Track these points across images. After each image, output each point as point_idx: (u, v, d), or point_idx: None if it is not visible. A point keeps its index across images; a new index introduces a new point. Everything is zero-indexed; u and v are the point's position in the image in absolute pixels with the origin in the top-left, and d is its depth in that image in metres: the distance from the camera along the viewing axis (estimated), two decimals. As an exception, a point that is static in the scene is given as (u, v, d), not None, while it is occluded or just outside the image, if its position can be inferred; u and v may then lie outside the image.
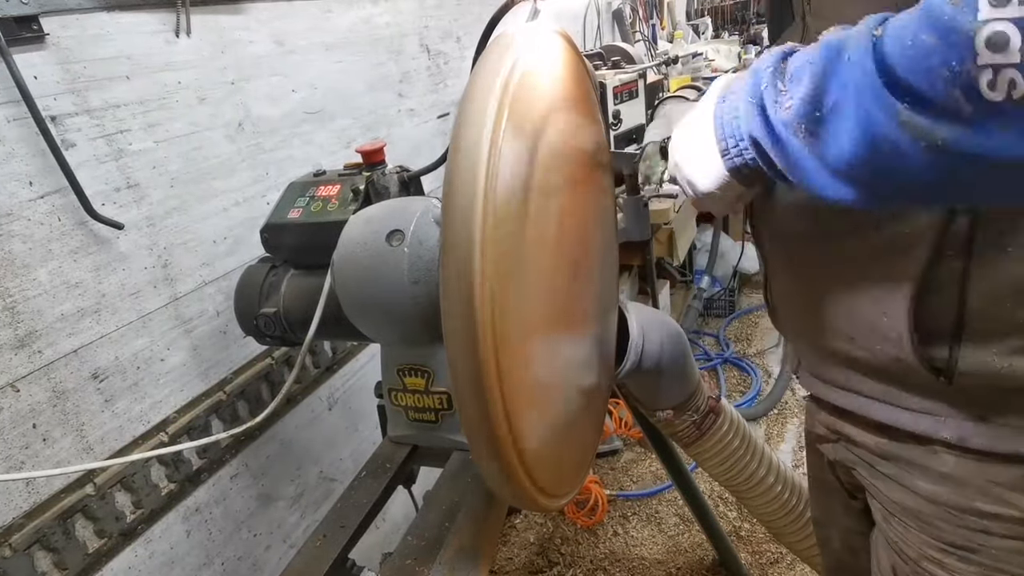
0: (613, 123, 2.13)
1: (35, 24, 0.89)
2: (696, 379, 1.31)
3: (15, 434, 0.89)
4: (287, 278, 1.01)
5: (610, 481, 2.32)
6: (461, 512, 0.83)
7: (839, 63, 0.46)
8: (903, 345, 0.62)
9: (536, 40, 0.68)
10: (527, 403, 0.64)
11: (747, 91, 0.55)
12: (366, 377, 1.62)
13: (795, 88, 0.49)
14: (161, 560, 1.10)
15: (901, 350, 0.62)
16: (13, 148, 0.88)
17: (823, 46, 0.48)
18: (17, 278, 0.89)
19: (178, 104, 1.11)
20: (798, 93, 0.49)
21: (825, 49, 0.48)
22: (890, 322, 0.62)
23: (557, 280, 0.73)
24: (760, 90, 0.53)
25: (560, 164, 0.74)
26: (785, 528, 1.44)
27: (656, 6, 3.77)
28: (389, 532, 1.68)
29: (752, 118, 0.54)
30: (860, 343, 0.67)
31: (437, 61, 1.87)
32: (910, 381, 0.64)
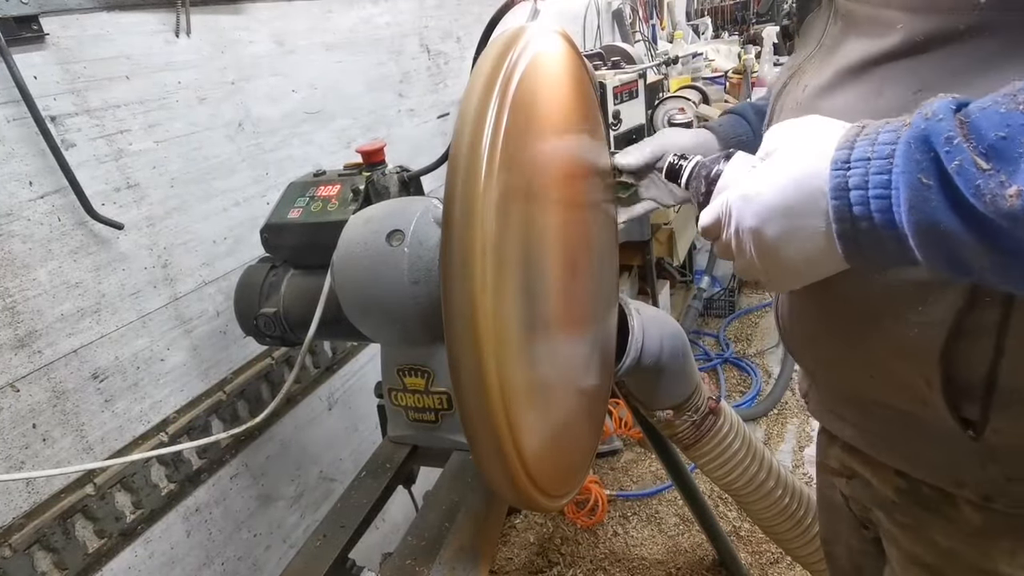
0: (613, 123, 2.13)
1: (35, 24, 0.89)
2: (696, 380, 1.31)
3: (15, 434, 0.89)
4: (287, 278, 1.01)
5: (610, 481, 2.32)
6: (461, 512, 0.83)
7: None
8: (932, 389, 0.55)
9: (536, 40, 0.68)
10: (527, 403, 0.64)
11: (911, 167, 0.40)
12: (366, 377, 1.62)
13: (1011, 167, 0.36)
14: (161, 560, 1.10)
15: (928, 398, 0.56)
16: (13, 148, 0.88)
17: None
18: (17, 278, 0.89)
19: (178, 104, 1.11)
20: (1021, 176, 0.36)
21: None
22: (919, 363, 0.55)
23: (557, 280, 0.73)
24: (942, 168, 0.38)
25: (560, 164, 0.74)
26: (785, 533, 1.44)
27: (656, 6, 3.76)
28: (389, 532, 1.68)
29: (928, 206, 0.39)
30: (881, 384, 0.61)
31: (437, 61, 1.87)
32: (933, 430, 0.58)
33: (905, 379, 0.58)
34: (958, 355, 0.53)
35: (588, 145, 0.85)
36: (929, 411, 0.57)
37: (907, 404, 0.59)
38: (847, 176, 0.43)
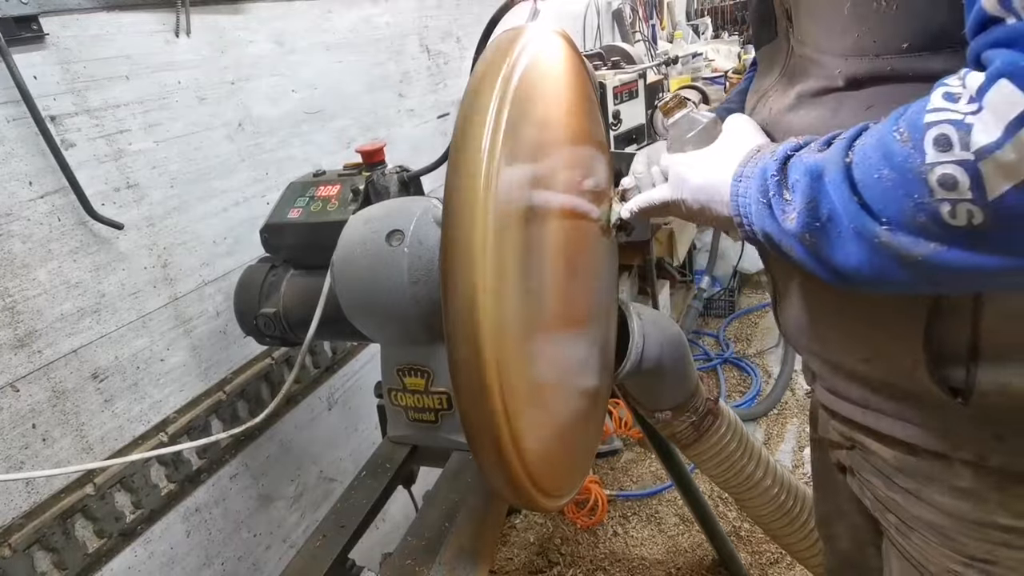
0: (613, 123, 2.13)
1: (35, 24, 0.89)
2: (695, 380, 1.31)
3: (15, 434, 0.89)
4: (287, 278, 1.01)
5: (610, 481, 2.32)
6: (461, 512, 0.83)
7: (822, 184, 0.51)
8: (918, 368, 0.62)
9: (536, 40, 0.68)
10: (527, 403, 0.64)
11: (757, 189, 0.59)
12: (366, 377, 1.62)
13: (795, 199, 0.54)
14: (161, 560, 1.10)
15: (916, 373, 0.62)
16: (13, 148, 0.88)
17: (805, 168, 0.53)
18: (17, 278, 0.89)
19: (178, 104, 1.11)
20: (797, 207, 0.53)
21: (808, 172, 0.53)
22: (904, 345, 0.62)
23: (557, 280, 0.73)
24: (769, 196, 0.57)
25: (560, 164, 0.74)
26: (782, 531, 1.44)
27: (656, 6, 3.76)
28: (389, 532, 1.68)
29: (764, 217, 0.58)
30: (874, 364, 0.68)
31: (437, 61, 1.87)
32: (927, 401, 0.64)
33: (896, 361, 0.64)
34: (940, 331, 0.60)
35: (588, 145, 0.85)
36: (920, 386, 0.63)
37: (900, 380, 0.66)
38: (738, 186, 0.62)
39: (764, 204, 0.57)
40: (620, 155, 0.99)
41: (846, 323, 0.69)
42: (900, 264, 0.48)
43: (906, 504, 0.72)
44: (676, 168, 0.72)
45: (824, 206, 0.51)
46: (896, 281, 0.51)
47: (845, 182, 0.49)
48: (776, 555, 1.93)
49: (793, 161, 0.56)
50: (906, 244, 0.47)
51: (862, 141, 0.50)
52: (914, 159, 0.44)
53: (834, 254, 0.52)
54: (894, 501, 0.74)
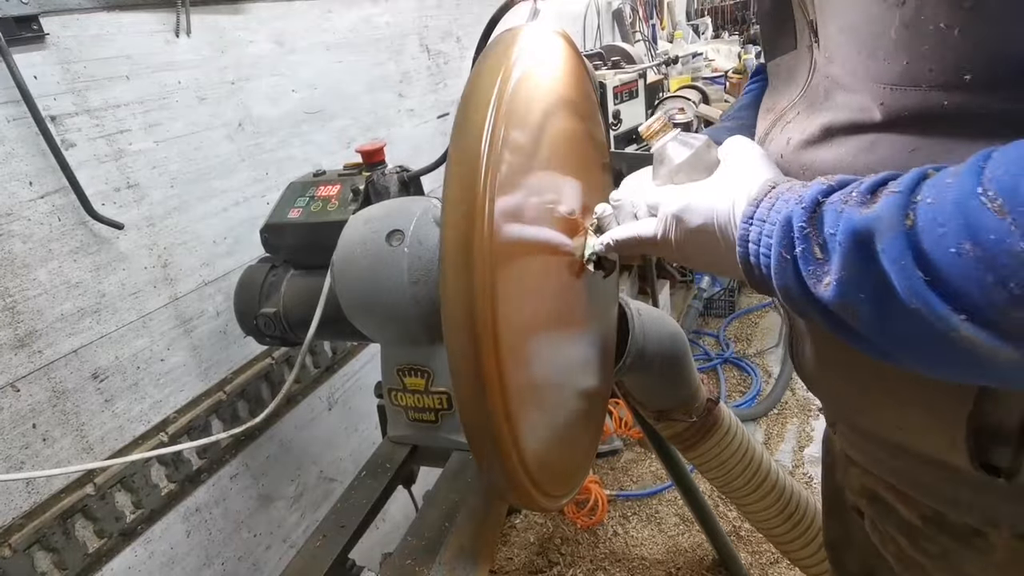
0: (613, 123, 2.13)
1: (35, 24, 0.89)
2: (695, 381, 1.31)
3: (15, 434, 0.89)
4: (287, 278, 1.01)
5: (610, 481, 2.32)
6: (461, 512, 0.83)
7: (873, 251, 0.40)
8: (956, 448, 0.55)
9: (536, 40, 0.68)
10: (527, 403, 0.64)
11: (779, 241, 0.48)
12: (366, 377, 1.62)
13: (831, 260, 0.43)
14: (161, 560, 1.10)
15: (955, 452, 0.55)
16: (13, 148, 0.88)
17: (848, 228, 0.42)
18: (17, 278, 0.89)
19: (178, 104, 1.11)
20: (834, 272, 0.43)
21: (850, 229, 0.41)
22: (944, 423, 0.55)
23: (557, 280, 0.73)
24: (794, 252, 0.46)
25: (559, 164, 0.74)
26: (783, 536, 1.44)
27: (656, 6, 3.77)
28: (389, 532, 1.68)
29: (785, 274, 0.47)
30: (909, 434, 0.61)
31: (437, 61, 1.87)
32: (966, 477, 0.58)
33: (929, 436, 0.58)
34: (987, 411, 0.53)
35: (588, 145, 0.85)
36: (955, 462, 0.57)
37: (936, 453, 0.59)
38: (749, 230, 0.51)
39: (787, 260, 0.47)
40: (620, 155, 0.99)
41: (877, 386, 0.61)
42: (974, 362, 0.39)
43: (932, 569, 0.66)
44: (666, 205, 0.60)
45: (872, 278, 0.41)
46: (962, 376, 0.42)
47: (908, 252, 0.38)
48: (776, 555, 1.93)
49: (827, 210, 0.44)
50: (987, 340, 0.37)
51: (929, 197, 0.38)
52: (1014, 238, 0.34)
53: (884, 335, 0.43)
54: (918, 563, 0.67)
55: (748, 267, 0.52)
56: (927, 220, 0.38)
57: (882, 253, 0.40)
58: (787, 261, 0.47)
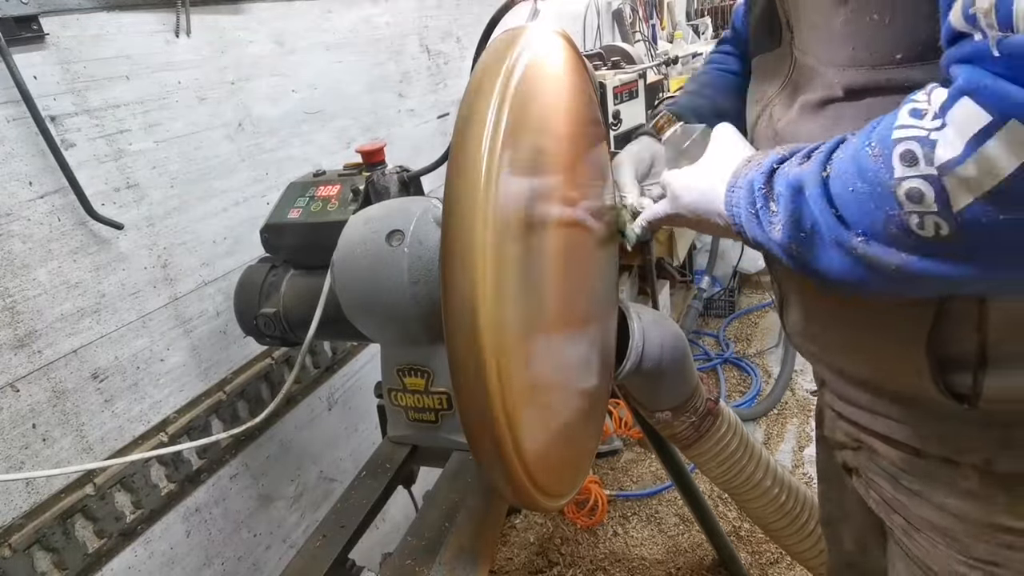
0: (613, 123, 2.13)
1: (35, 24, 0.89)
2: (695, 381, 1.31)
3: (15, 434, 0.89)
4: (287, 278, 1.01)
5: (610, 481, 2.32)
6: (461, 512, 0.83)
7: (803, 198, 0.53)
8: (922, 375, 0.62)
9: (536, 40, 0.68)
10: (527, 403, 0.64)
11: (745, 200, 0.61)
12: (366, 377, 1.62)
13: (780, 212, 0.56)
14: (161, 560, 1.10)
15: (920, 379, 0.63)
16: (13, 148, 0.88)
17: (787, 182, 0.55)
18: (17, 278, 0.89)
19: (178, 104, 1.11)
20: (781, 219, 0.56)
21: (789, 185, 0.55)
22: (907, 352, 0.63)
23: (557, 280, 0.73)
24: (756, 207, 0.60)
25: (560, 164, 0.74)
26: (783, 531, 1.44)
27: (656, 6, 3.76)
28: (389, 532, 1.68)
29: (753, 227, 0.60)
30: (877, 370, 0.69)
31: (437, 61, 1.87)
32: (931, 407, 0.65)
33: (899, 369, 0.65)
34: (944, 340, 0.61)
35: (588, 145, 0.85)
36: (925, 393, 0.63)
37: (904, 387, 0.66)
38: (731, 196, 0.64)
39: (752, 215, 0.60)
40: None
41: (847, 329, 0.70)
42: (876, 273, 0.50)
43: (911, 505, 0.72)
44: (672, 185, 0.75)
45: (806, 219, 0.53)
46: (875, 289, 0.53)
47: (823, 196, 0.51)
48: (776, 555, 1.93)
49: (777, 174, 0.58)
50: (880, 254, 0.49)
51: (839, 154, 0.51)
52: (883, 174, 0.46)
53: (818, 263, 0.54)
54: (900, 502, 0.74)
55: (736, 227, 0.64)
56: (837, 170, 0.51)
57: (809, 198, 0.53)
58: (752, 215, 0.60)
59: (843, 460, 0.85)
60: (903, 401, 0.68)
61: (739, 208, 0.63)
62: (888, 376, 0.68)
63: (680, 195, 0.73)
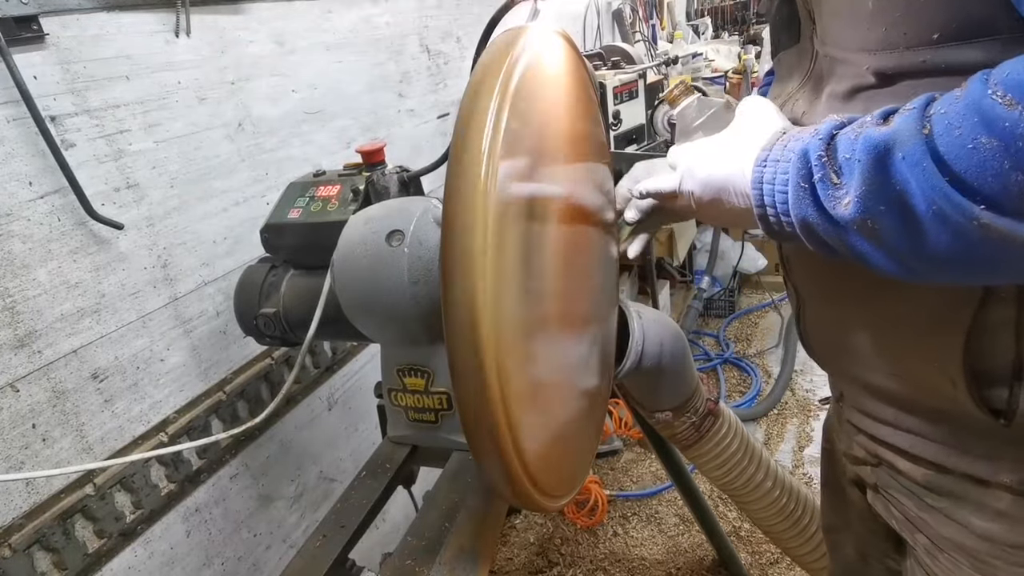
0: (613, 123, 2.13)
1: (35, 24, 0.89)
2: (695, 381, 1.31)
3: (15, 434, 0.89)
4: (287, 278, 1.01)
5: (610, 481, 2.32)
6: (461, 512, 0.83)
7: (891, 161, 0.44)
8: (957, 388, 0.58)
9: (536, 40, 0.68)
10: (527, 403, 0.64)
11: (796, 172, 0.52)
12: (366, 377, 1.62)
13: (849, 182, 0.47)
14: (161, 560, 1.10)
15: (955, 393, 0.59)
16: (13, 148, 0.88)
17: (865, 142, 0.46)
18: (17, 278, 0.89)
19: (178, 104, 1.11)
20: (853, 190, 0.47)
21: (869, 146, 0.46)
22: (942, 364, 0.58)
23: (557, 280, 0.73)
24: (812, 178, 0.50)
25: (560, 165, 0.74)
26: (783, 533, 1.44)
27: (656, 6, 3.76)
28: (389, 532, 1.68)
29: (804, 204, 0.51)
30: (906, 382, 0.64)
31: (437, 61, 1.87)
32: (964, 422, 0.61)
33: (932, 380, 0.60)
34: (980, 351, 0.56)
35: (588, 145, 0.85)
36: (959, 407, 0.59)
37: (935, 400, 0.62)
38: (763, 172, 0.55)
39: (805, 189, 0.51)
40: (620, 155, 0.99)
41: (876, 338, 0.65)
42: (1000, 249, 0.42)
43: (936, 524, 0.69)
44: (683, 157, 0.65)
45: (893, 187, 0.44)
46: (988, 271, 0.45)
47: (927, 156, 0.42)
48: (776, 555, 1.93)
49: (841, 139, 0.49)
50: (1010, 227, 0.40)
51: (940, 109, 0.43)
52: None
53: (906, 241, 0.46)
54: (923, 520, 0.70)
55: (763, 209, 0.56)
56: (942, 127, 0.42)
57: (902, 162, 0.44)
58: (805, 191, 0.51)
59: (857, 475, 0.81)
60: (932, 416, 0.64)
61: (774, 185, 0.54)
62: (919, 388, 0.63)
63: (694, 168, 0.64)
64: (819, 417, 2.48)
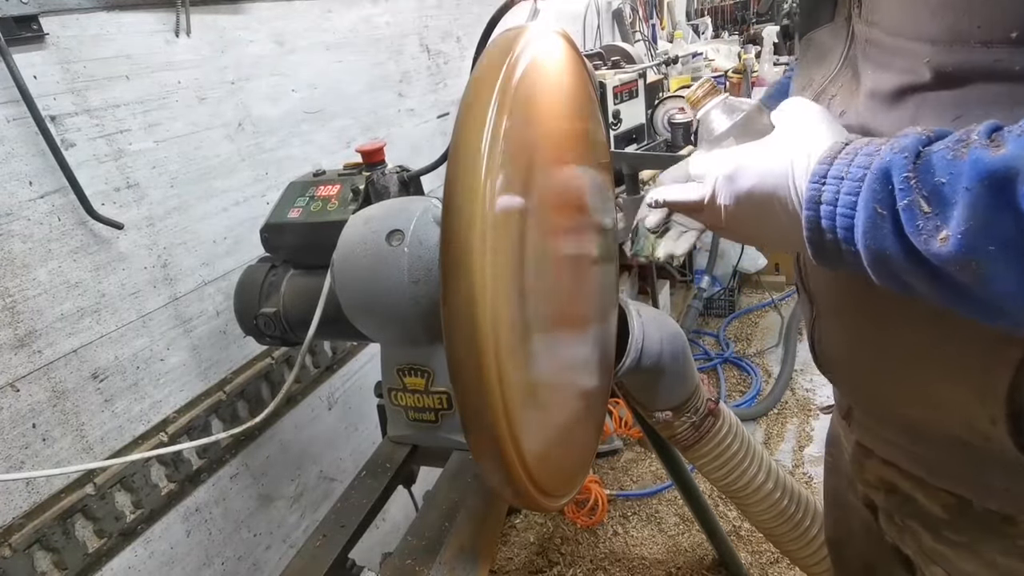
0: (613, 123, 2.13)
1: (35, 24, 0.89)
2: (695, 381, 1.31)
3: (15, 434, 0.89)
4: (287, 278, 1.01)
5: (610, 481, 2.32)
6: (461, 512, 0.83)
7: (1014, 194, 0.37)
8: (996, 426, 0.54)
9: (536, 40, 0.68)
10: (527, 403, 0.64)
11: (871, 195, 0.43)
12: (366, 377, 1.62)
13: (947, 212, 0.40)
14: (161, 560, 1.10)
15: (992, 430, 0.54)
16: (13, 148, 0.88)
17: (975, 167, 0.38)
18: (17, 278, 0.89)
19: (178, 104, 1.11)
20: (955, 224, 0.39)
21: (983, 172, 0.38)
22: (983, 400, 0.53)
23: (557, 280, 0.73)
24: (895, 204, 0.42)
25: (560, 164, 0.74)
26: (783, 535, 1.44)
27: (656, 6, 3.76)
28: (389, 532, 1.68)
29: (880, 234, 0.43)
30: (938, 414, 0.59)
31: (437, 61, 1.87)
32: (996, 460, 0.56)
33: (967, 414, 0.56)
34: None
35: (588, 145, 0.85)
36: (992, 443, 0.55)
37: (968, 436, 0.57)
38: (821, 191, 0.47)
39: (883, 216, 0.43)
40: (620, 155, 0.99)
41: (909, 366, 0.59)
42: None
43: (955, 559, 0.64)
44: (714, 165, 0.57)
45: (1006, 226, 0.37)
46: None
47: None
48: (776, 555, 1.93)
49: (934, 158, 0.41)
50: None
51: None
52: None
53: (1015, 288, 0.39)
54: (941, 554, 0.66)
55: (818, 233, 0.48)
56: None
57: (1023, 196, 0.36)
58: (883, 218, 0.43)
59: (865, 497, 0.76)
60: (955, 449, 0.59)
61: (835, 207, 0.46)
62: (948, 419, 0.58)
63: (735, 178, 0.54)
64: (819, 417, 2.48)
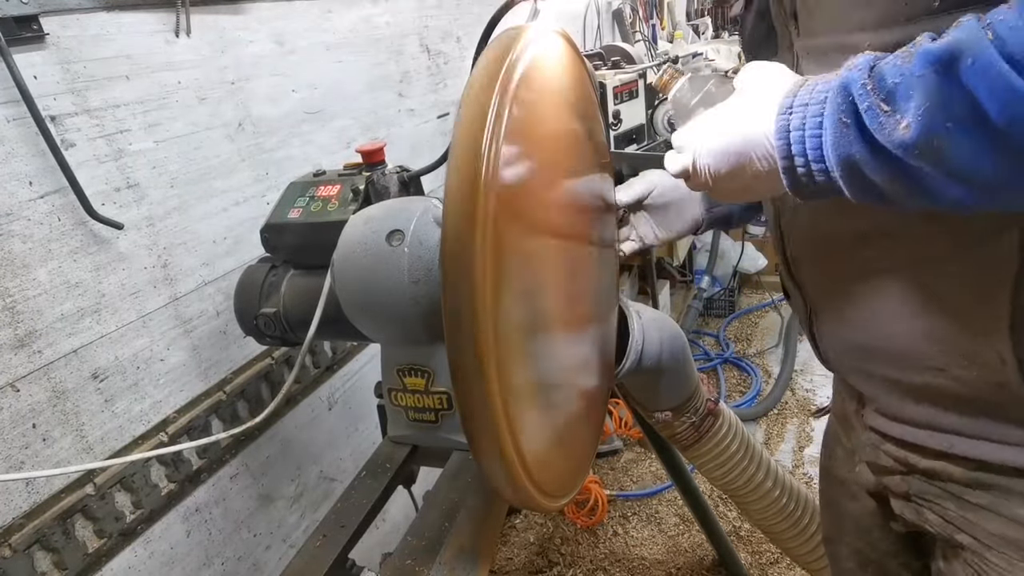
0: (613, 123, 2.13)
1: (35, 24, 0.89)
2: (695, 381, 1.31)
3: (15, 434, 0.89)
4: (287, 278, 1.01)
5: (610, 481, 2.32)
6: (461, 512, 0.83)
7: (959, 70, 0.41)
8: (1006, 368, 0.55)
9: (536, 40, 0.68)
10: (527, 403, 0.64)
11: (834, 110, 0.48)
12: (366, 377, 1.62)
13: (904, 105, 0.44)
14: (161, 560, 1.10)
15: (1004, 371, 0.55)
16: (13, 148, 0.88)
17: (924, 57, 0.43)
18: (17, 278, 0.89)
19: (178, 104, 1.11)
20: (912, 110, 0.43)
21: (931, 59, 0.43)
22: (988, 338, 0.55)
23: (557, 280, 0.73)
24: (857, 110, 0.46)
25: (560, 165, 0.74)
26: (783, 534, 1.44)
27: (656, 6, 3.76)
28: (389, 532, 1.68)
29: (846, 141, 0.47)
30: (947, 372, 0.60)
31: (437, 61, 1.87)
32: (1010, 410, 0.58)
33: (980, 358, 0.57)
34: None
35: (588, 145, 0.85)
36: (1006, 389, 0.56)
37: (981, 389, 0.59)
38: (789, 119, 0.51)
39: (847, 125, 0.47)
40: (620, 155, 0.99)
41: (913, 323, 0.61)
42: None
43: (981, 521, 0.66)
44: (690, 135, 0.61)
45: (962, 98, 0.41)
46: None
47: (999, 59, 0.39)
48: (776, 555, 1.93)
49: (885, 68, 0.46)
50: None
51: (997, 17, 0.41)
52: None
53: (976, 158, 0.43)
54: (966, 520, 0.67)
55: (790, 162, 0.52)
56: (1006, 30, 0.40)
57: (970, 68, 0.41)
58: (847, 126, 0.47)
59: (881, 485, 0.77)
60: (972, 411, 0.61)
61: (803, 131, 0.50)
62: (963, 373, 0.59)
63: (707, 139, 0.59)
64: (819, 418, 2.48)
